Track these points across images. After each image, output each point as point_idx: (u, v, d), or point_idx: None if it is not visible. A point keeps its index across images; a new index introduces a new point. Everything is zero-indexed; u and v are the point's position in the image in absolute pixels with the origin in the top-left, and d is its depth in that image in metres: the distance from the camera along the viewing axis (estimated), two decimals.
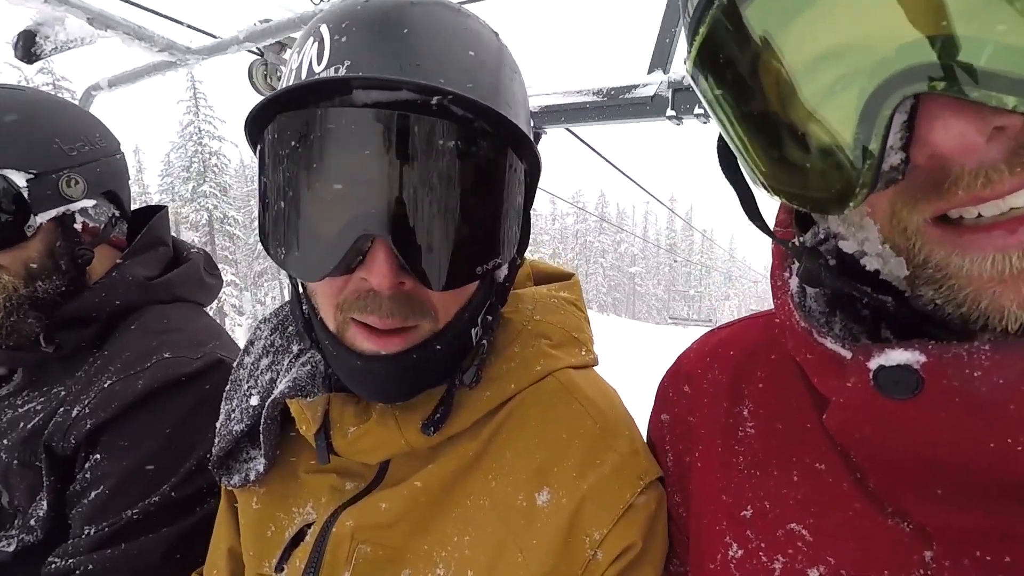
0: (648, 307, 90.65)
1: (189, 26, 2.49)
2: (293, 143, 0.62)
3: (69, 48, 2.03)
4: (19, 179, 1.01)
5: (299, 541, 0.80)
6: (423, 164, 0.60)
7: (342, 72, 0.60)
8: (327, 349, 0.74)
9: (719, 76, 0.51)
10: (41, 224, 1.05)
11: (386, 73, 0.60)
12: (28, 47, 1.99)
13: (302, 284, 0.76)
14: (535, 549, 0.70)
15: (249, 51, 2.40)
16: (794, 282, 0.62)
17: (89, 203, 1.11)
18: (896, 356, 0.48)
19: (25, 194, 1.01)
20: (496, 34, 0.73)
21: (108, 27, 2.04)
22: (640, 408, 0.87)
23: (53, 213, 1.06)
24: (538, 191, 0.79)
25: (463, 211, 0.64)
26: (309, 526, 0.80)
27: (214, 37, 2.32)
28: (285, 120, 0.63)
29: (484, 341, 0.77)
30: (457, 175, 0.62)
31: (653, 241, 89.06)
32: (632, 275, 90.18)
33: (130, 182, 1.27)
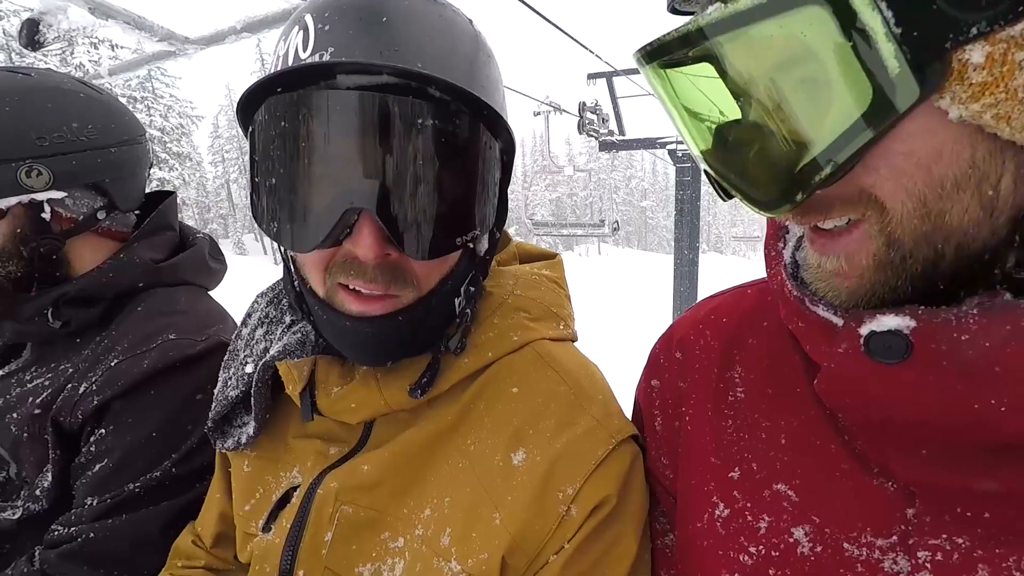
0: (659, 239, 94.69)
1: None
2: (283, 124, 0.66)
3: (72, 36, 2.08)
4: None
5: (286, 503, 0.84)
6: (404, 142, 0.65)
7: (326, 58, 0.64)
8: (317, 315, 0.77)
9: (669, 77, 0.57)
10: (2, 209, 1.07)
11: (367, 58, 0.64)
12: (32, 35, 2.04)
13: (293, 258, 0.80)
14: (510, 505, 0.73)
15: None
16: (787, 252, 0.65)
17: (58, 195, 1.11)
18: (887, 321, 0.50)
19: None
20: (471, 21, 0.77)
21: (109, 16, 2.08)
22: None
23: (13, 201, 1.07)
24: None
25: (442, 185, 0.68)
26: (295, 489, 0.84)
27: None
28: (274, 103, 0.67)
29: (467, 310, 0.81)
30: (436, 152, 0.67)
31: (661, 176, 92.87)
32: (643, 209, 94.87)
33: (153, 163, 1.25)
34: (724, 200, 0.59)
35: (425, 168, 0.67)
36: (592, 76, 12.14)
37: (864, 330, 0.51)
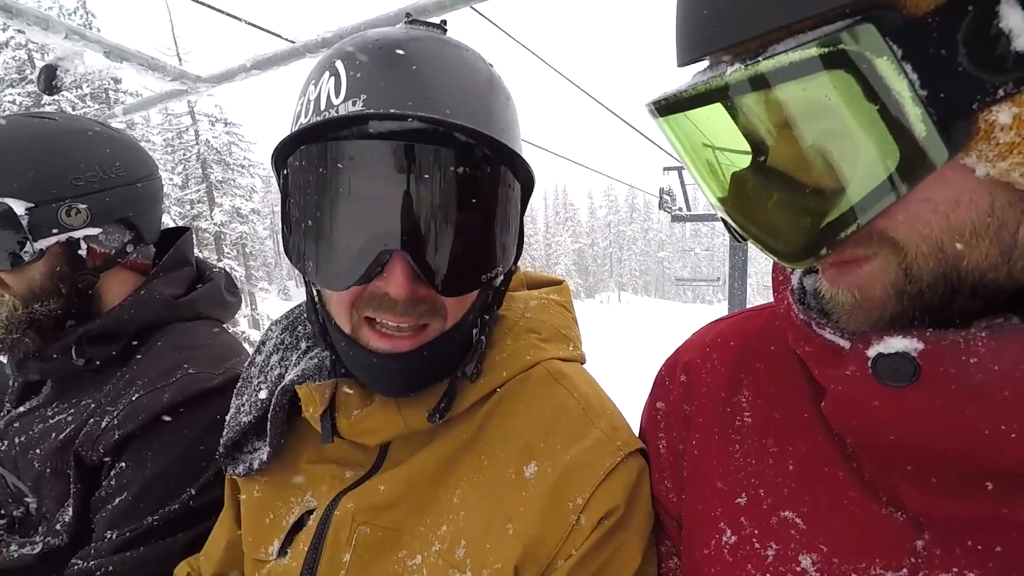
0: (676, 288, 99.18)
1: (272, 32, 2.64)
2: (320, 170, 0.69)
3: (88, 80, 2.16)
4: (19, 207, 1.07)
5: (301, 527, 0.85)
6: (434, 186, 0.68)
7: (359, 105, 0.68)
8: (343, 350, 0.80)
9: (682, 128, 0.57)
10: (42, 249, 1.10)
11: (398, 107, 0.68)
12: (50, 80, 2.12)
13: (318, 293, 0.83)
14: (522, 517, 0.75)
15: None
16: (795, 277, 0.66)
17: (94, 231, 1.15)
18: (894, 344, 0.50)
19: (24, 222, 1.07)
20: (488, 64, 0.80)
21: (124, 59, 2.16)
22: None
23: (53, 240, 1.11)
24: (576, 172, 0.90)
25: (469, 226, 0.72)
26: (311, 512, 0.85)
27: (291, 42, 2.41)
28: (312, 150, 0.70)
29: (482, 338, 0.85)
30: (463, 195, 0.70)
31: (679, 228, 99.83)
32: (660, 259, 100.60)
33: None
34: (739, 242, 0.60)
35: (454, 211, 0.70)
36: (667, 168, 17.01)
37: (872, 352, 0.51)
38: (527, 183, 0.83)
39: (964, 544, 0.51)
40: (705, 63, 0.54)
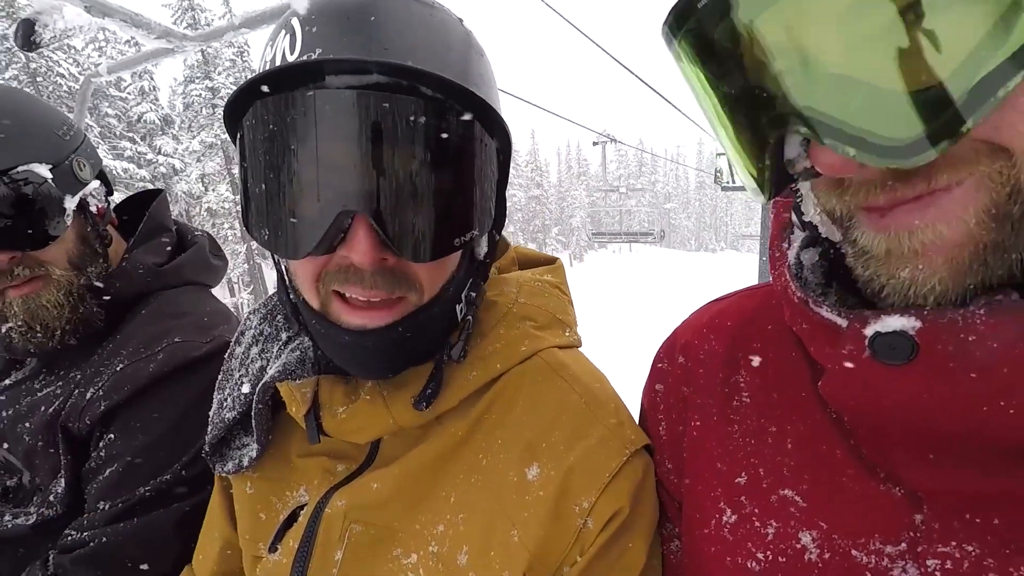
0: (681, 238, 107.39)
1: None
2: (271, 127, 0.63)
3: (68, 36, 2.06)
4: (44, 171, 1.01)
5: (292, 522, 0.82)
6: (397, 142, 0.61)
7: (313, 58, 0.62)
8: (315, 329, 0.74)
9: (700, 59, 0.53)
10: (71, 213, 1.06)
11: (356, 56, 0.62)
12: (28, 35, 2.02)
13: (286, 269, 0.77)
14: (527, 522, 0.72)
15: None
16: (792, 253, 0.64)
17: (95, 184, 1.11)
18: (892, 322, 0.49)
19: (54, 185, 1.02)
20: (461, 20, 0.74)
21: (105, 15, 2.06)
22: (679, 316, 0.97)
23: (78, 199, 1.06)
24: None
25: (437, 185, 0.65)
26: (302, 508, 0.82)
27: None
28: (261, 107, 0.64)
29: (469, 317, 0.79)
30: (430, 151, 0.63)
31: (683, 180, 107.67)
32: (667, 210, 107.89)
33: None
34: (726, 183, 0.57)
35: (419, 168, 0.63)
36: (719, 154, 19.03)
37: (869, 331, 0.50)
38: (504, 146, 0.75)
39: (962, 518, 0.51)
40: None
